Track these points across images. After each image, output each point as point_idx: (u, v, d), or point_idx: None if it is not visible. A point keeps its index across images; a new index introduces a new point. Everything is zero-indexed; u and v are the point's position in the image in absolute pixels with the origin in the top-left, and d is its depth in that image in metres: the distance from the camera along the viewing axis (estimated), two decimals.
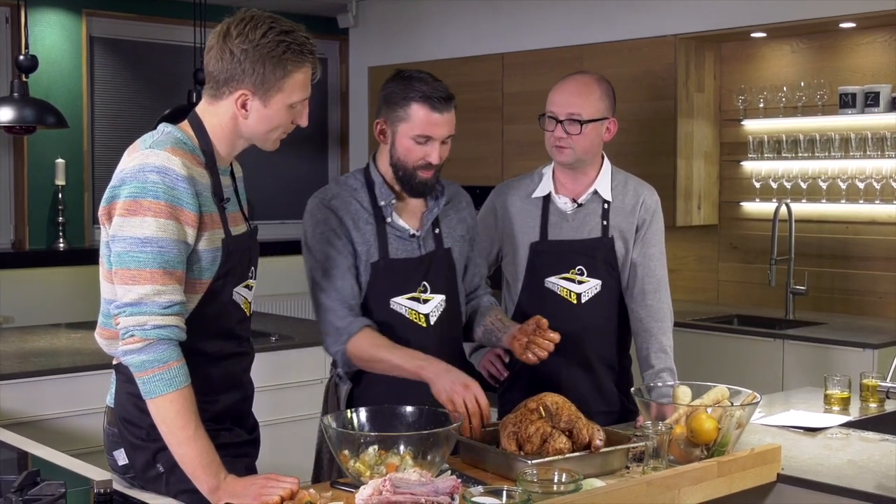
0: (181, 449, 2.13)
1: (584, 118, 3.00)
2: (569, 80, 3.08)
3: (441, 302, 2.75)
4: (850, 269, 5.17)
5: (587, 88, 3.03)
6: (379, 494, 1.94)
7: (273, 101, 2.24)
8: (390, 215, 2.71)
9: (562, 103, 3.02)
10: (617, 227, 3.08)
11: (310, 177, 7.69)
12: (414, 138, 2.64)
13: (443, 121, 2.64)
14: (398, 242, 2.71)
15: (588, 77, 3.09)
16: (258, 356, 2.52)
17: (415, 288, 2.72)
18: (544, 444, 2.34)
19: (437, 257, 2.76)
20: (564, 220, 3.09)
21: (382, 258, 2.68)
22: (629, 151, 5.40)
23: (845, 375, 3.19)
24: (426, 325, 2.72)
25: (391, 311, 2.70)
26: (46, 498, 2.00)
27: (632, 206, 3.09)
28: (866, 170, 4.98)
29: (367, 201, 2.71)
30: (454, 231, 2.83)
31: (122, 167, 2.20)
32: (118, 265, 2.14)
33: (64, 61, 6.47)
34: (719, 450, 2.42)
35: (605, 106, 3.05)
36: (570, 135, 3.00)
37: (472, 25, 6.39)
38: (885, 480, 2.40)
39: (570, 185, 3.10)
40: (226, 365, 2.34)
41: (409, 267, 2.71)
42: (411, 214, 2.75)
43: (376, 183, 2.72)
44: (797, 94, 5.17)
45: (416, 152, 2.65)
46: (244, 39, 2.19)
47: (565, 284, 3.06)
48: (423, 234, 2.75)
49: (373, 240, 2.69)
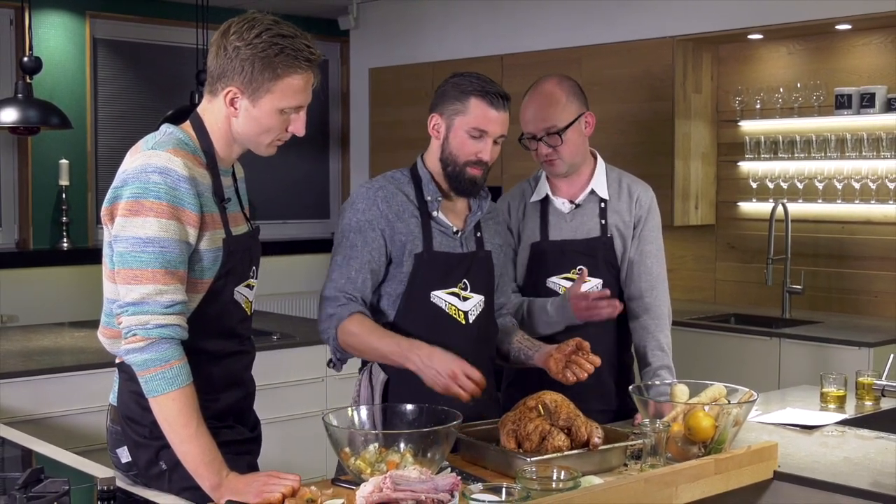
0: (183, 447, 2.14)
1: (560, 127, 2.98)
2: (533, 96, 3.04)
3: (480, 302, 2.74)
4: (846, 268, 5.19)
5: (552, 97, 3.00)
6: (379, 491, 1.94)
7: (261, 102, 2.23)
8: (436, 210, 2.71)
9: (534, 120, 3.00)
10: (614, 225, 3.08)
11: (311, 177, 7.70)
12: (469, 131, 2.65)
13: (498, 118, 2.66)
14: (441, 237, 2.70)
15: (548, 84, 3.04)
16: (259, 355, 2.53)
17: (455, 283, 2.70)
18: (543, 441, 2.36)
19: (479, 258, 2.75)
20: (563, 220, 3.10)
21: (426, 250, 2.67)
22: (627, 151, 5.41)
23: (841, 374, 3.20)
24: (465, 323, 2.70)
25: (431, 304, 2.67)
26: (50, 495, 2.00)
27: (627, 203, 3.10)
28: (862, 170, 5.00)
29: (414, 195, 2.71)
30: (493, 239, 2.83)
31: (124, 168, 2.22)
32: (120, 265, 2.16)
33: (67, 63, 6.49)
34: (716, 447, 2.43)
35: (576, 105, 3.02)
36: (553, 147, 3.00)
37: (471, 27, 6.41)
38: (880, 478, 2.41)
39: (566, 188, 3.11)
40: (227, 363, 2.35)
41: (451, 262, 2.70)
42: (456, 215, 2.76)
43: (423, 179, 2.72)
44: (794, 95, 5.19)
45: (469, 146, 2.66)
46: (238, 37, 2.21)
47: (566, 284, 3.06)
48: (466, 234, 2.75)
49: (417, 231, 2.67)
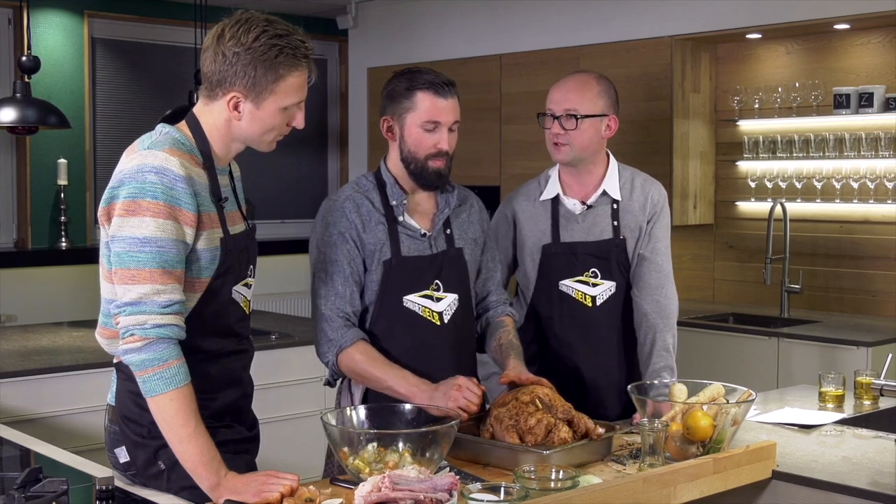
0: (182, 446, 2.14)
1: (580, 113, 2.99)
2: (567, 78, 3.08)
3: (454, 301, 2.74)
4: (844, 267, 5.19)
5: (585, 85, 3.03)
6: (378, 491, 1.95)
7: (265, 103, 2.24)
8: (402, 214, 2.71)
9: (559, 100, 3.03)
10: (627, 227, 3.07)
11: (310, 177, 7.71)
12: (422, 125, 2.64)
13: (448, 105, 2.66)
14: (409, 241, 2.70)
15: (587, 75, 3.09)
16: (258, 354, 2.53)
17: (427, 286, 2.70)
18: (549, 434, 2.37)
19: (450, 257, 2.75)
20: (574, 221, 3.08)
21: (395, 255, 2.67)
22: (626, 151, 5.39)
23: (840, 373, 3.20)
24: (440, 324, 2.71)
25: (405, 308, 2.68)
26: (49, 495, 2.00)
27: (641, 203, 3.09)
28: (860, 169, 5.00)
29: (379, 201, 2.71)
30: (466, 233, 2.82)
31: (120, 168, 2.21)
32: (118, 265, 2.15)
33: (66, 62, 6.49)
34: (715, 447, 2.43)
35: (605, 103, 3.03)
36: (567, 131, 3.00)
37: (470, 27, 6.41)
38: (879, 477, 2.41)
39: (577, 187, 3.10)
40: (225, 363, 2.35)
41: (421, 265, 2.70)
42: (423, 215, 2.75)
43: (387, 183, 2.72)
44: (792, 95, 5.19)
45: (426, 140, 2.65)
46: (237, 42, 2.20)
47: (580, 287, 3.05)
48: (434, 235, 2.74)
49: (385, 238, 2.68)
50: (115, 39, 6.80)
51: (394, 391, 2.57)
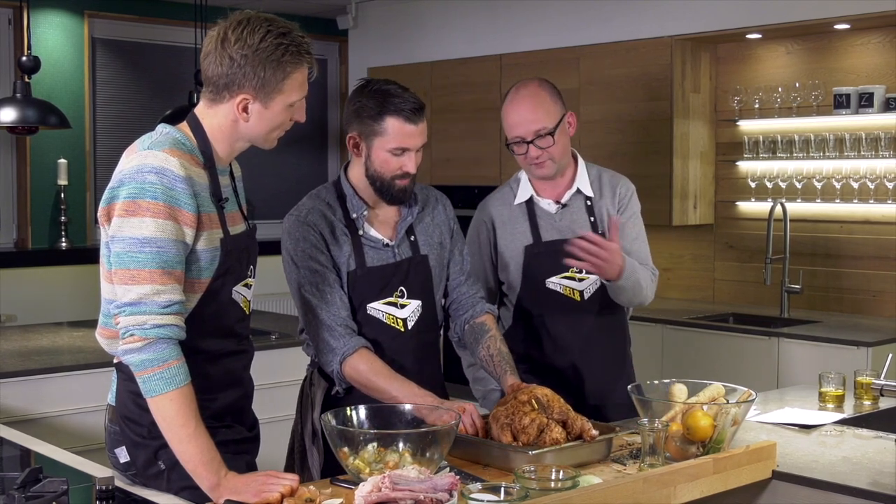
0: (182, 446, 2.14)
1: (550, 128, 2.99)
2: (518, 101, 3.03)
3: (418, 307, 2.75)
4: (844, 267, 5.20)
5: (538, 99, 3.01)
6: (378, 491, 1.95)
7: (274, 102, 2.25)
8: (362, 227, 2.72)
9: (523, 124, 3.00)
10: (603, 221, 3.10)
11: (310, 177, 7.70)
12: (391, 151, 2.64)
13: (417, 131, 2.65)
14: (373, 252, 2.72)
15: (530, 87, 3.04)
16: (258, 354, 2.54)
17: (392, 293, 2.72)
18: (541, 434, 2.37)
19: (415, 263, 2.76)
20: (552, 220, 3.11)
21: (359, 266, 2.69)
22: (626, 151, 5.42)
23: (840, 373, 3.20)
24: (404, 330, 2.73)
25: (369, 316, 2.70)
26: (49, 495, 2.00)
27: (610, 198, 3.13)
28: (860, 169, 5.01)
29: (341, 213, 2.72)
30: (431, 238, 2.82)
31: (120, 168, 2.21)
32: (117, 265, 2.15)
33: (66, 62, 6.49)
34: (715, 447, 2.43)
35: (559, 104, 3.04)
36: (544, 149, 3.00)
37: (470, 27, 6.41)
38: (879, 477, 2.42)
39: (549, 189, 3.12)
40: (225, 363, 2.35)
41: (385, 273, 2.72)
42: (384, 224, 2.76)
43: (348, 195, 2.73)
44: (792, 95, 5.19)
45: (392, 163, 2.66)
46: (243, 45, 2.20)
47: (567, 283, 3.07)
48: (396, 243, 2.75)
49: (349, 250, 2.69)
50: (115, 39, 6.80)
51: (398, 402, 2.56)
